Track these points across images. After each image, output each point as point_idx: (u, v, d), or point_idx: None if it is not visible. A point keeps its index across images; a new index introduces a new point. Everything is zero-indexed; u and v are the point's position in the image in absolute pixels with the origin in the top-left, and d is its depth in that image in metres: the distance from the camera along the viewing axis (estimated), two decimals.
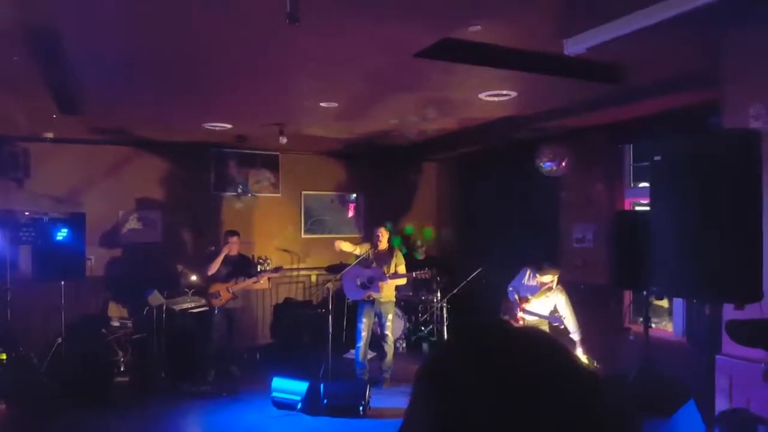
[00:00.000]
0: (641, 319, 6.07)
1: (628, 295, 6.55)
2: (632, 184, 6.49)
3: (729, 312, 3.56)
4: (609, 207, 6.41)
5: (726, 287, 2.64)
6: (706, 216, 2.79)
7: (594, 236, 6.86)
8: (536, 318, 5.91)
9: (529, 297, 5.88)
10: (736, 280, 2.58)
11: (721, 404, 3.66)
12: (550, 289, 5.82)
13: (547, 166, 6.68)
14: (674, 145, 3.16)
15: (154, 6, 3.21)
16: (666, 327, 6.46)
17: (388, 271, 6.42)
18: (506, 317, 6.06)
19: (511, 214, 7.65)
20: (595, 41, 3.54)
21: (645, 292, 4.90)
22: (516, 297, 5.97)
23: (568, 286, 6.03)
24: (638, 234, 4.25)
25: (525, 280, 5.99)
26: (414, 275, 6.50)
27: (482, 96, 5.23)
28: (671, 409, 4.38)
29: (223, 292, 6.81)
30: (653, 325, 6.29)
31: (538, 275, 5.82)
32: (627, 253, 4.75)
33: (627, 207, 6.45)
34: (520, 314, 5.90)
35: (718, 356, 3.74)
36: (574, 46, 3.69)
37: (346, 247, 6.51)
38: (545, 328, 5.96)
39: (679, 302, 5.99)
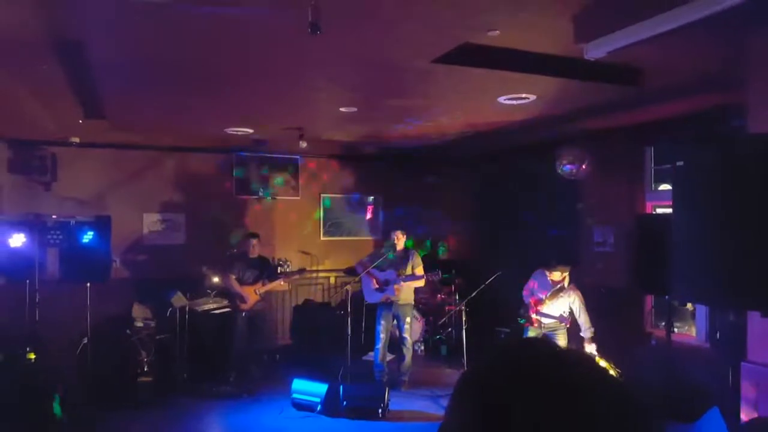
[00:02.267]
0: (663, 324, 6.00)
1: (649, 300, 6.47)
2: (653, 187, 6.41)
3: (754, 319, 3.51)
4: (630, 210, 6.34)
5: (751, 294, 2.60)
6: (730, 222, 2.76)
7: (615, 240, 6.79)
8: (552, 320, 5.88)
9: (543, 298, 5.84)
10: (762, 288, 2.55)
11: (746, 412, 3.61)
12: (562, 288, 5.77)
13: (567, 168, 6.63)
14: (698, 149, 3.13)
15: (176, 15, 3.28)
16: (689, 332, 6.36)
17: (404, 274, 6.45)
18: (523, 320, 6.04)
19: (531, 217, 7.61)
20: (616, 45, 3.52)
21: (667, 297, 4.85)
22: (530, 300, 5.95)
23: (588, 289, 6.00)
24: (660, 238, 4.21)
25: (538, 280, 5.98)
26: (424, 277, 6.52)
27: (501, 100, 5.22)
28: (695, 415, 4.33)
29: (251, 295, 6.89)
30: (676, 330, 6.20)
31: (547, 273, 5.80)
32: (648, 257, 4.70)
33: (648, 210, 6.37)
34: (534, 316, 5.88)
35: (743, 363, 3.68)
36: (594, 50, 3.68)
37: None
38: (563, 331, 5.92)
39: (702, 307, 5.90)
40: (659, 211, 6.22)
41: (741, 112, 3.67)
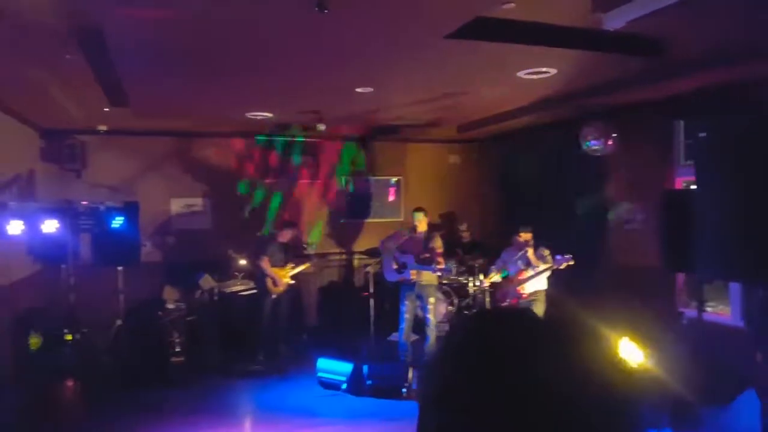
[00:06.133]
0: (695, 303, 5.84)
1: (680, 277, 6.31)
2: (684, 162, 6.19)
3: None
4: (659, 186, 6.15)
5: None
6: (756, 195, 2.65)
7: (644, 217, 6.61)
8: (533, 282, 6.13)
9: (522, 269, 6.20)
10: None
11: None
12: (528, 245, 6.15)
13: (592, 144, 6.45)
14: (722, 121, 3.01)
15: (195, 1, 3.30)
16: (723, 311, 6.17)
17: (422, 258, 6.42)
18: (505, 301, 6.34)
19: (556, 195, 7.47)
20: (635, 14, 3.39)
21: (697, 275, 4.71)
22: (506, 275, 6.36)
23: (616, 268, 5.91)
24: (688, 214, 4.08)
25: (514, 257, 6.34)
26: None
27: (521, 74, 5.11)
28: (729, 398, 4.22)
29: (284, 278, 7.01)
30: (709, 309, 6.03)
31: (522, 234, 6.20)
32: (677, 234, 4.56)
33: (678, 186, 6.16)
34: (519, 287, 6.20)
35: None
36: (613, 20, 3.55)
37: None
38: (541, 299, 6.15)
39: (736, 285, 5.71)
40: (693, 187, 6.00)
41: None
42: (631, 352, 5.66)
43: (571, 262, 5.96)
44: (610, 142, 6.11)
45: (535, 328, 0.69)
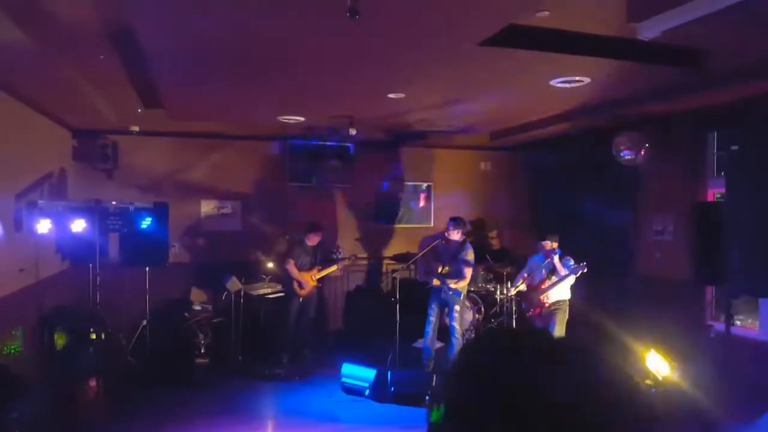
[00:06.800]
0: (724, 316, 5.72)
1: (710, 290, 6.20)
2: (716, 174, 6.09)
3: None
4: (690, 197, 6.06)
5: None
6: None
7: (674, 228, 6.51)
8: (557, 288, 6.05)
9: (545, 277, 6.12)
10: None
11: None
12: (553, 250, 6.06)
13: (624, 154, 6.39)
14: (754, 133, 2.96)
15: (229, 7, 3.34)
16: (753, 325, 6.04)
17: (446, 270, 6.41)
18: (530, 312, 6.28)
19: (586, 205, 7.39)
20: (671, 24, 3.35)
21: (728, 289, 4.63)
22: (530, 282, 6.28)
23: (644, 279, 5.80)
24: (719, 226, 4.02)
25: (535, 263, 6.27)
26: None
27: (554, 83, 5.08)
28: (754, 414, 4.12)
29: (309, 281, 7.04)
30: (738, 323, 5.90)
31: (548, 241, 6.08)
32: (707, 247, 4.49)
33: (710, 198, 6.06)
34: (542, 296, 6.12)
35: None
36: (648, 30, 3.52)
37: None
38: (563, 311, 6.03)
39: (766, 299, 5.58)
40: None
41: None
42: (657, 365, 5.57)
43: (585, 270, 5.90)
44: (643, 152, 6.03)
45: (550, 344, 0.71)
